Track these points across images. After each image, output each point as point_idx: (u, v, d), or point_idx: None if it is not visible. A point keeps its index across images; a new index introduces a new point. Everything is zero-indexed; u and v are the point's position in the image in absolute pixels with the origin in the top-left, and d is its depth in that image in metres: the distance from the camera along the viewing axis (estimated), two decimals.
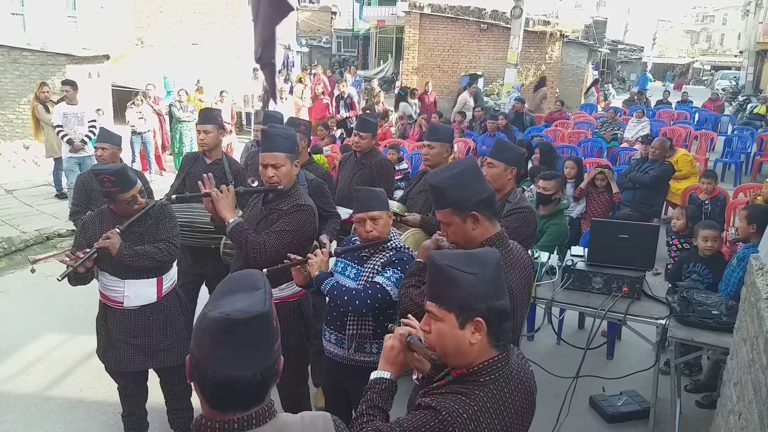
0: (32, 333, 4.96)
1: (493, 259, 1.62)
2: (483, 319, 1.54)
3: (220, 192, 2.99)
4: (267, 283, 1.40)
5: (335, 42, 33.91)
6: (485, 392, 1.55)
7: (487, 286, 1.56)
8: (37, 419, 3.88)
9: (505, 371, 1.60)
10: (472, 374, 1.57)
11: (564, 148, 9.98)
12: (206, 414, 1.31)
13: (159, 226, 3.26)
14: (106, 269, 3.17)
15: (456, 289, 1.56)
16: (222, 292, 1.36)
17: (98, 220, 3.21)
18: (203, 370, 1.26)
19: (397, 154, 7.53)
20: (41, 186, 9.56)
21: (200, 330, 1.29)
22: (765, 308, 2.27)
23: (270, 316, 1.31)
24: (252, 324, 1.26)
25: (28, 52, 11.38)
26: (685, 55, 56.27)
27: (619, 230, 4.02)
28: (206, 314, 1.28)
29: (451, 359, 1.61)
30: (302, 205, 3.03)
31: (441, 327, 1.59)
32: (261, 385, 1.30)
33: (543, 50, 17.23)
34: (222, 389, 1.26)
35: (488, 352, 1.58)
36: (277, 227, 2.98)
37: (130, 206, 3.13)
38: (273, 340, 1.33)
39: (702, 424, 3.82)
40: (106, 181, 3.01)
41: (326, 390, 3.14)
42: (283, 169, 3.01)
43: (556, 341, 4.98)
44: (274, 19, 5.07)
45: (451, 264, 1.58)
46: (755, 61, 28.49)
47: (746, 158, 11.21)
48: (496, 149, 3.36)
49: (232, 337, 1.25)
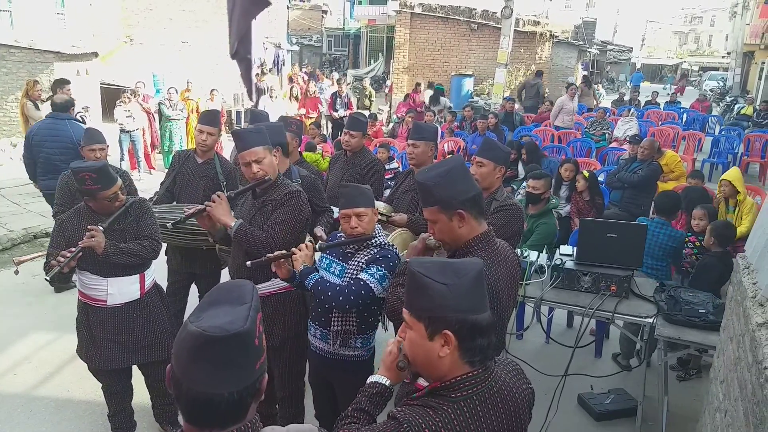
0: (19, 332, 4.92)
1: (471, 270, 1.54)
2: (452, 332, 1.48)
3: (213, 202, 3.01)
4: (256, 297, 1.33)
5: (326, 41, 33.85)
6: (454, 408, 1.49)
7: (459, 299, 1.49)
8: (24, 419, 3.85)
9: (482, 389, 1.53)
10: (444, 389, 1.52)
11: (553, 148, 10.03)
12: (185, 429, 1.26)
13: (140, 223, 3.25)
14: (86, 268, 3.14)
15: (425, 299, 1.51)
16: (208, 302, 1.31)
17: (76, 218, 3.16)
18: (179, 383, 1.22)
19: (387, 153, 7.53)
20: (29, 184, 9.44)
21: (179, 341, 1.24)
22: (751, 307, 2.29)
23: (251, 334, 1.24)
24: (230, 342, 1.20)
25: (16, 49, 11.28)
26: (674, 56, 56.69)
27: (607, 229, 4.05)
28: (187, 326, 1.24)
29: (422, 370, 1.58)
30: (293, 191, 3.09)
31: (412, 336, 1.55)
32: (238, 405, 1.24)
33: (533, 50, 17.31)
34: (196, 405, 1.21)
35: (460, 367, 1.51)
36: (277, 218, 3.02)
37: (111, 203, 3.10)
38: (254, 359, 1.26)
39: (688, 421, 3.86)
40: (88, 178, 2.97)
41: (313, 385, 3.16)
42: (266, 161, 3.04)
43: (545, 340, 5.00)
44: (250, 13, 5.05)
45: (423, 272, 1.53)
46: (742, 62, 28.77)
47: (733, 158, 11.31)
48: (485, 148, 3.39)
49: (208, 354, 1.19)
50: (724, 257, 4.20)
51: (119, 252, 3.09)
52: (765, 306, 2.24)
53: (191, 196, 4.20)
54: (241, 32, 5.05)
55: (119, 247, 3.10)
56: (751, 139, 11.51)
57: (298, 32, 32.39)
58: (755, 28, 24.31)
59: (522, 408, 1.62)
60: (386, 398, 1.75)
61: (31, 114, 8.57)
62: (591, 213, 6.09)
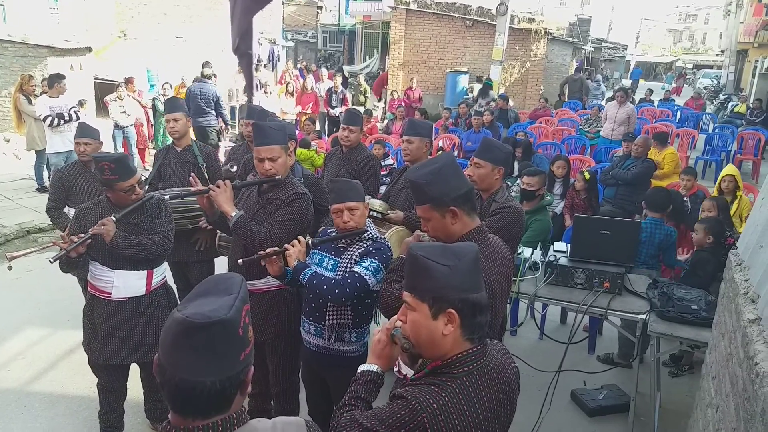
0: (13, 328, 4.90)
1: (469, 253, 1.64)
2: (455, 310, 1.56)
3: (218, 188, 3.02)
4: (244, 289, 1.35)
5: (321, 37, 33.72)
6: (458, 384, 1.57)
7: (461, 279, 1.58)
8: (18, 414, 3.84)
9: (481, 364, 1.62)
10: (446, 366, 1.60)
11: (548, 145, 10.05)
12: (172, 420, 1.28)
13: (155, 220, 3.30)
14: (96, 258, 3.20)
15: (430, 280, 1.58)
16: (196, 293, 1.34)
17: (95, 208, 3.24)
18: (164, 370, 1.24)
19: (383, 149, 7.53)
20: (22, 179, 9.42)
21: (165, 329, 1.26)
22: (743, 303, 2.31)
23: (234, 323, 1.25)
24: (212, 330, 1.21)
25: (9, 44, 11.17)
26: (668, 54, 56.77)
27: (601, 226, 4.07)
28: (173, 314, 1.26)
29: (425, 350, 1.63)
30: (300, 193, 3.10)
31: (415, 317, 1.62)
32: (221, 394, 1.24)
33: (528, 47, 17.29)
34: (179, 393, 1.23)
35: (462, 344, 1.60)
36: (279, 217, 3.03)
37: (128, 195, 3.17)
38: (238, 349, 1.27)
39: (681, 417, 3.88)
40: (107, 168, 3.06)
41: (305, 382, 3.15)
42: (280, 161, 3.08)
43: (539, 336, 5.03)
44: (251, 9, 5.06)
45: (426, 255, 1.61)
46: (736, 60, 28.84)
47: (726, 156, 11.37)
48: (483, 149, 3.34)
49: (191, 341, 1.21)
50: (717, 251, 4.24)
51: (127, 243, 3.12)
52: (757, 302, 2.26)
53: (177, 184, 4.26)
54: (242, 28, 5.07)
55: (128, 239, 3.14)
56: (744, 136, 11.58)
57: (293, 28, 32.25)
58: (749, 27, 24.39)
59: (513, 382, 1.72)
60: (379, 385, 1.80)
61: (24, 108, 8.52)
62: (588, 211, 6.12)
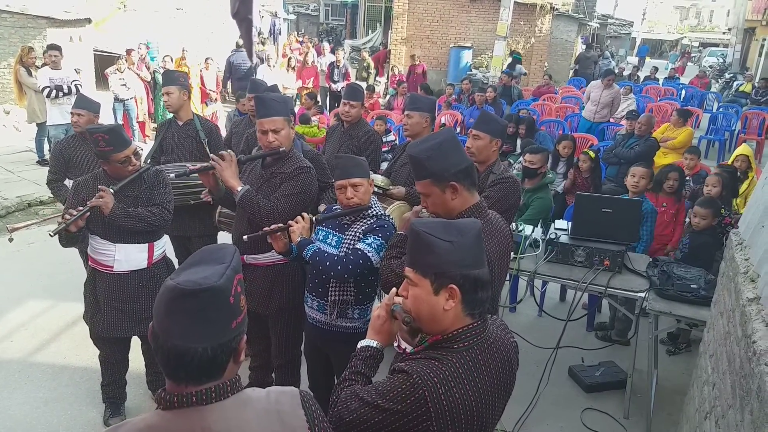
0: (15, 299, 4.93)
1: (471, 229, 1.64)
2: (457, 286, 1.57)
3: (223, 161, 2.98)
4: (237, 259, 1.37)
5: (323, 10, 33.28)
6: (458, 358, 1.58)
7: (463, 254, 1.59)
8: (21, 384, 3.89)
9: (481, 339, 1.62)
10: (447, 341, 1.61)
11: (551, 123, 9.99)
12: (167, 386, 1.31)
13: (153, 192, 3.28)
14: (97, 232, 3.19)
15: (432, 256, 1.59)
16: (190, 262, 1.36)
17: (92, 182, 3.21)
18: (157, 336, 1.27)
19: (384, 125, 7.48)
20: (23, 152, 9.39)
21: (158, 296, 1.29)
22: (742, 282, 2.32)
23: (225, 291, 1.28)
24: (202, 297, 1.24)
25: (7, 14, 11.03)
26: (674, 31, 56.11)
27: (602, 204, 4.06)
28: (166, 281, 1.29)
29: (426, 325, 1.64)
30: (304, 167, 3.08)
31: (417, 292, 1.62)
32: (212, 361, 1.27)
33: (533, 23, 17.09)
34: (171, 358, 1.25)
35: (462, 319, 1.61)
36: (285, 191, 3.02)
37: (124, 167, 3.14)
38: (229, 317, 1.29)
39: (677, 394, 3.93)
40: (101, 140, 3.03)
41: (307, 356, 3.18)
42: (283, 133, 3.06)
43: (538, 313, 5.06)
44: None
45: (428, 231, 1.61)
46: (743, 38, 28.52)
47: (730, 136, 11.30)
48: (481, 121, 3.37)
49: (181, 307, 1.24)
50: (714, 231, 4.24)
51: (126, 215, 3.11)
52: (756, 281, 2.26)
53: (179, 158, 4.27)
54: None
55: (127, 210, 3.13)
56: (748, 116, 11.48)
57: (294, 1, 31.86)
58: (758, 4, 24.01)
59: (512, 357, 1.73)
60: (378, 360, 1.81)
61: (25, 80, 8.46)
62: (589, 190, 6.09)
